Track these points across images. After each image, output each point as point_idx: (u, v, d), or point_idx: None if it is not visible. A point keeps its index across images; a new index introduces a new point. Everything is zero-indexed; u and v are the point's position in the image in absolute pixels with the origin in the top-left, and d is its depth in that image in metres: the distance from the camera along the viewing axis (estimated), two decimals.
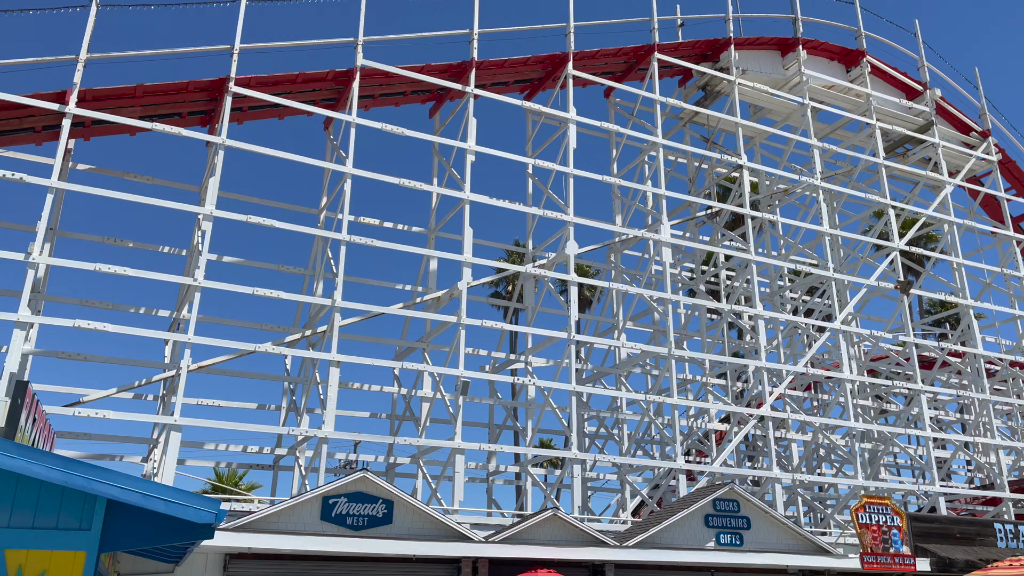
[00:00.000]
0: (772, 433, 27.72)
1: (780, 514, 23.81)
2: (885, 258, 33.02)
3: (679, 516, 21.79)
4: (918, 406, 30.85)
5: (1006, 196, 37.96)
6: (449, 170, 26.84)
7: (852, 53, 36.70)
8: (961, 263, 34.42)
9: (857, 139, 36.90)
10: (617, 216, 31.97)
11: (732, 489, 22.71)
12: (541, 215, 27.40)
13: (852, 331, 31.46)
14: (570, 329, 25.34)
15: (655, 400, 26.63)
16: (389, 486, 19.08)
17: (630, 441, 29.69)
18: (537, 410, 27.72)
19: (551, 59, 29.14)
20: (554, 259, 27.55)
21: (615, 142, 32.32)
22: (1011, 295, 36.87)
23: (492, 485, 28.71)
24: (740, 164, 31.23)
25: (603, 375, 31.61)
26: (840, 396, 30.00)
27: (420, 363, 25.95)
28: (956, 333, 36.71)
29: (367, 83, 26.20)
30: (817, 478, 30.27)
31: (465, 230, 24.90)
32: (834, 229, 33.33)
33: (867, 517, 23.76)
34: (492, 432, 29.11)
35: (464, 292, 24.15)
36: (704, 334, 32.75)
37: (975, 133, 39.09)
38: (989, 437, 32.50)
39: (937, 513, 28.62)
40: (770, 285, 35.71)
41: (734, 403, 31.93)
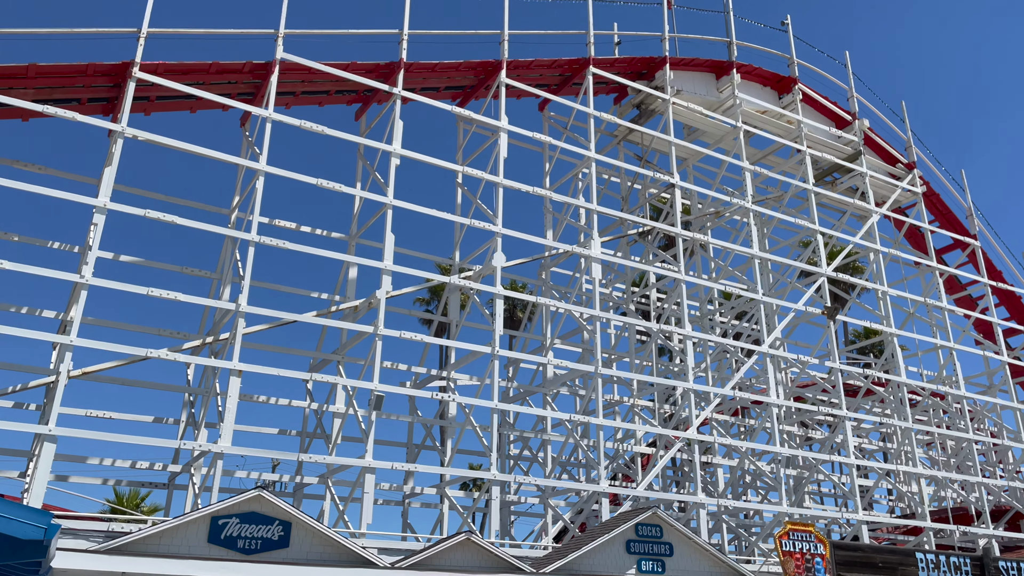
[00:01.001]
0: (698, 457, 27.04)
1: (704, 540, 23.00)
2: (813, 284, 33.02)
3: (599, 541, 20.75)
4: (842, 433, 30.69)
5: (930, 228, 38.63)
6: (373, 174, 25.60)
7: (784, 80, 37.01)
8: (886, 291, 34.70)
9: (788, 165, 37.11)
10: (548, 231, 31.18)
11: (655, 514, 21.82)
12: (469, 225, 26.37)
13: (779, 355, 31.22)
14: (494, 344, 24.24)
15: (580, 420, 25.65)
16: (287, 506, 17.52)
17: (554, 463, 28.63)
18: (458, 429, 26.42)
19: (484, 66, 28.30)
20: (480, 271, 26.48)
21: (548, 156, 31.61)
22: (933, 325, 37.37)
23: (408, 508, 27.22)
24: (672, 183, 30.86)
25: (529, 394, 30.56)
26: (767, 421, 29.60)
27: (334, 375, 24.43)
28: (880, 362, 36.93)
29: (288, 79, 24.84)
30: (742, 504, 29.71)
31: (386, 236, 23.65)
32: (764, 253, 33.19)
33: (791, 544, 23.16)
34: (410, 451, 27.66)
35: (382, 301, 22.84)
36: (633, 354, 32.07)
37: (901, 165, 39.82)
38: (911, 466, 32.56)
39: (860, 542, 28.32)
40: (700, 308, 35.38)
41: (661, 426, 31.24)
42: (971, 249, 39.79)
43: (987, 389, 38.45)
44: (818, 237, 33.65)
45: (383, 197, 24.16)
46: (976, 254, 39.61)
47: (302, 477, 24.92)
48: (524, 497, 29.79)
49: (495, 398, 23.58)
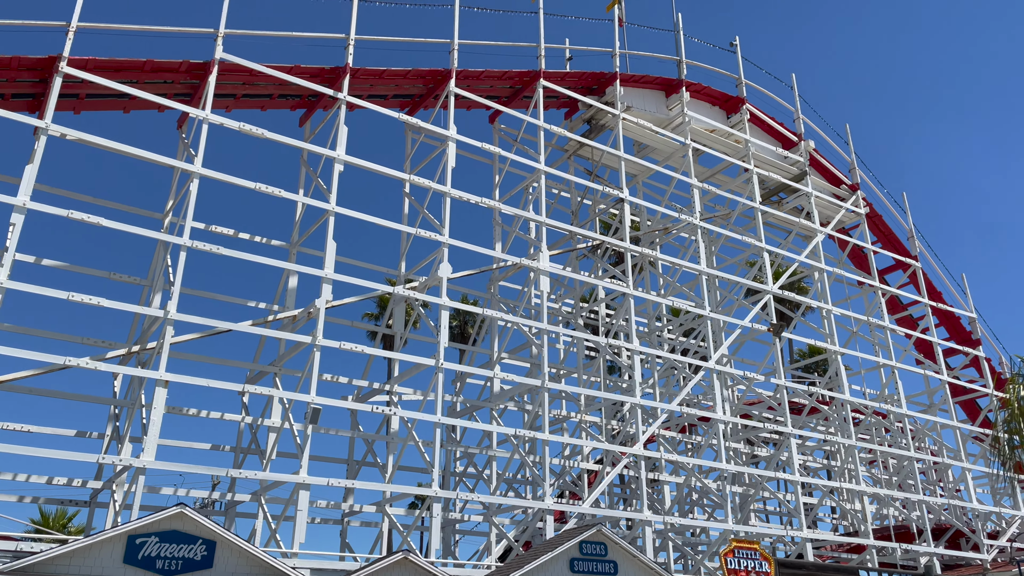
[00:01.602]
0: (644, 474, 26.69)
1: (649, 558, 22.56)
2: (759, 302, 33.16)
3: (542, 560, 20.15)
4: (787, 450, 30.70)
5: (872, 249, 39.27)
6: (316, 180, 24.85)
7: (733, 100, 37.39)
8: (830, 310, 35.04)
9: (735, 184, 37.39)
10: (497, 243, 30.73)
11: (600, 531, 21.32)
12: (415, 235, 25.77)
13: (726, 372, 31.18)
14: (438, 356, 23.59)
15: (526, 436, 25.09)
16: (211, 524, 16.57)
17: (499, 480, 27.96)
18: (400, 444, 25.61)
19: (433, 75, 27.86)
20: (426, 282, 25.86)
21: (498, 168, 31.22)
22: (876, 344, 37.87)
23: (347, 527, 26.24)
24: (622, 198, 30.74)
25: (476, 409, 29.90)
26: (713, 438, 29.45)
27: (270, 387, 23.46)
28: (824, 380, 37.23)
29: (228, 79, 24.04)
30: (688, 521, 29.41)
31: (328, 244, 22.91)
32: (711, 269, 33.25)
33: (736, 562, 22.87)
34: (351, 468, 26.72)
35: (322, 311, 22.05)
36: (581, 370, 31.69)
37: (845, 186, 40.50)
38: (854, 484, 32.72)
39: (804, 559, 28.23)
40: (648, 324, 35.25)
41: (609, 442, 30.84)
42: (912, 270, 40.56)
43: (928, 408, 39.04)
44: (764, 255, 33.87)
45: (325, 204, 23.43)
46: (917, 275, 40.38)
47: (233, 494, 23.81)
48: (469, 515, 29.04)
49: (438, 412, 22.90)
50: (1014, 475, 8.20)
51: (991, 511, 36.08)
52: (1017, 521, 36.58)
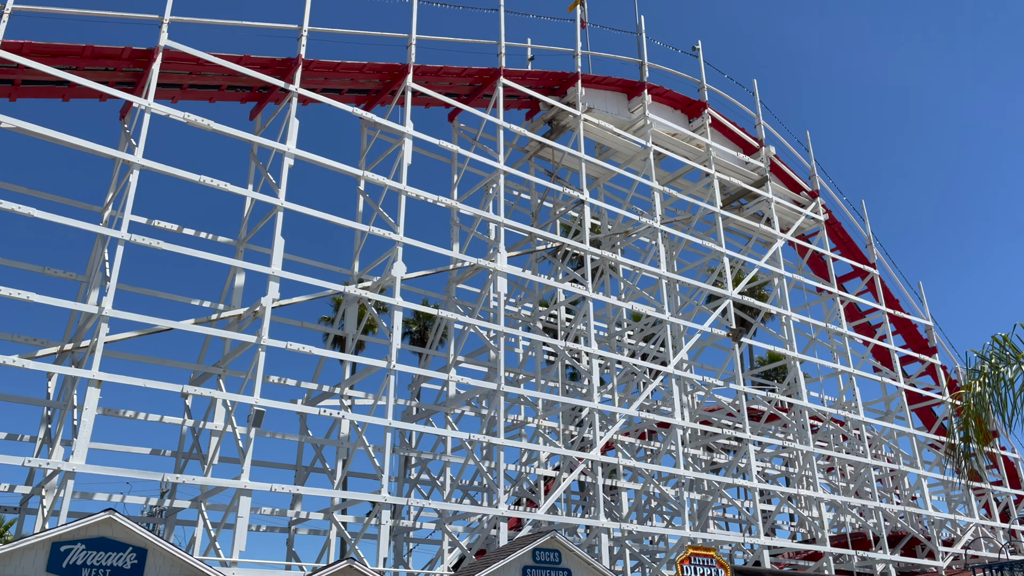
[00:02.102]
0: (601, 480, 26.21)
1: (604, 566, 22.05)
2: (719, 307, 32.98)
3: (493, 568, 19.51)
4: (746, 457, 30.48)
5: (832, 256, 39.42)
6: (265, 175, 24.01)
7: (695, 104, 37.30)
8: (789, 316, 35.01)
9: (696, 188, 37.28)
10: (455, 244, 30.10)
11: (554, 538, 20.75)
12: (369, 233, 25.05)
13: (685, 376, 30.88)
14: (390, 358, 22.87)
15: (481, 440, 24.45)
16: (142, 531, 15.66)
17: (453, 487, 27.25)
18: (349, 449, 24.80)
19: (390, 69, 27.21)
20: (379, 281, 25.14)
21: (456, 167, 30.64)
22: (834, 351, 37.96)
23: (294, 535, 25.33)
24: (582, 199, 30.34)
25: (431, 413, 29.19)
26: (671, 444, 29.08)
27: (211, 389, 22.49)
28: (783, 386, 37.20)
29: (174, 69, 23.14)
30: (645, 528, 28.98)
31: (275, 240, 22.10)
32: (672, 273, 32.99)
33: (692, 570, 22.45)
34: (299, 474, 25.82)
35: (268, 309, 21.22)
36: (539, 374, 31.16)
37: (805, 193, 40.64)
38: (812, 490, 32.62)
39: (761, 567, 27.96)
40: (608, 328, 34.87)
41: (567, 448, 30.33)
42: (870, 277, 40.81)
43: (884, 415, 39.23)
44: (724, 260, 33.72)
45: (274, 199, 22.62)
46: (875, 282, 40.64)
47: (172, 501, 22.78)
48: (422, 523, 28.29)
49: (389, 416, 22.18)
50: (968, 481, 7.96)
51: (946, 518, 36.27)
52: (971, 528, 36.83)
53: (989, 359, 7.96)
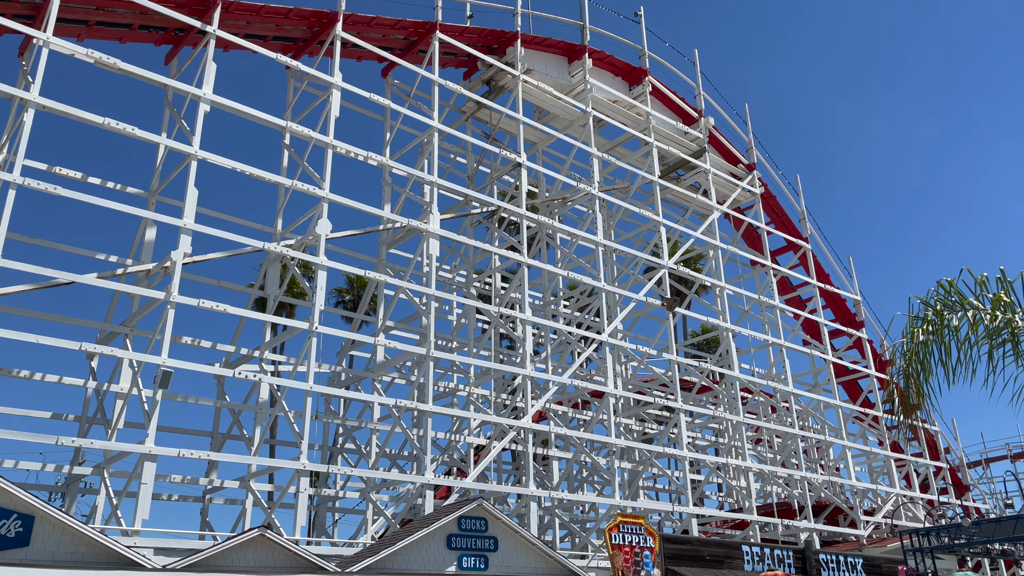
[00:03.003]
0: (532, 448, 25.67)
1: (532, 535, 21.54)
2: (654, 277, 32.70)
3: (416, 536, 18.77)
4: (677, 426, 30.40)
5: (766, 229, 39.56)
6: (179, 122, 22.41)
7: (635, 71, 36.71)
8: (723, 288, 34.99)
9: (634, 158, 36.81)
10: (386, 205, 28.92)
11: (480, 506, 20.11)
12: (293, 188, 23.71)
13: (619, 345, 30.51)
14: (312, 319, 21.74)
15: (407, 407, 23.57)
16: (29, 497, 14.36)
17: (379, 455, 26.35)
18: (270, 415, 23.63)
19: (318, 16, 25.74)
20: (303, 239, 23.87)
21: (389, 125, 29.39)
22: (766, 323, 38.21)
23: (209, 504, 24.08)
24: (519, 162, 29.49)
25: (358, 379, 28.16)
26: (604, 413, 28.74)
27: (115, 348, 21.00)
28: (715, 358, 37.29)
29: (79, 3, 21.29)
30: (575, 496, 28.65)
31: (188, 191, 20.64)
32: (609, 241, 32.51)
33: (620, 537, 22.13)
34: (216, 440, 24.53)
35: (178, 264, 19.82)
36: (471, 341, 30.38)
37: (742, 165, 40.63)
38: (741, 460, 32.82)
39: (689, 535, 27.94)
40: (543, 296, 34.26)
41: (498, 416, 29.69)
42: (803, 252, 41.17)
43: (812, 388, 39.78)
44: (661, 230, 33.40)
45: (187, 147, 21.11)
46: (807, 257, 41.03)
47: (72, 467, 21.27)
48: (345, 492, 27.34)
49: (310, 379, 21.10)
50: (907, 431, 7.48)
51: (868, 488, 37.07)
52: (892, 498, 37.76)
53: (933, 305, 7.51)
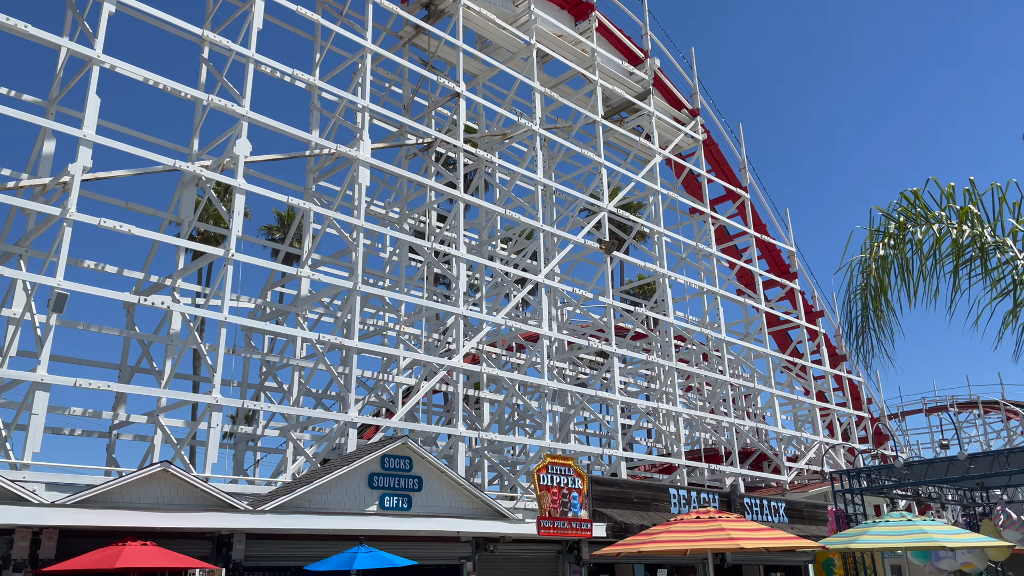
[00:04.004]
0: (461, 388, 24.92)
1: (458, 474, 20.89)
2: (593, 220, 31.97)
3: (336, 474, 17.86)
4: (610, 370, 30.07)
5: (707, 176, 39.14)
6: (81, 23, 20.29)
7: (582, 5, 35.36)
8: (662, 233, 34.53)
9: (578, 97, 35.70)
10: (314, 130, 27.27)
11: (405, 444, 19.28)
12: (210, 106, 21.88)
13: (555, 287, 29.77)
14: (228, 246, 20.27)
15: (331, 342, 22.43)
16: None
17: (302, 392, 25.21)
18: (182, 347, 22.16)
19: None
20: (220, 160, 22.19)
21: (320, 45, 27.56)
22: (702, 271, 38.07)
23: (116, 440, 22.64)
24: (457, 92, 28.07)
25: (282, 313, 26.81)
26: (537, 356, 28.13)
27: (13, 269, 19.16)
28: (650, 303, 37.03)
29: None
30: (504, 437, 28.15)
31: (89, 98, 18.77)
32: (549, 180, 31.53)
33: (549, 478, 21.65)
34: (124, 373, 22.97)
35: (77, 178, 18.06)
36: (403, 278, 29.24)
37: (686, 110, 39.95)
38: (672, 405, 32.82)
39: (618, 477, 27.82)
40: (480, 235, 33.21)
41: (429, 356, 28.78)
42: (741, 201, 41.00)
43: (744, 337, 40.02)
44: (603, 171, 32.58)
45: (89, 50, 19.12)
46: (745, 206, 40.89)
47: None
48: (263, 430, 26.18)
49: (224, 310, 19.73)
50: (866, 362, 6.99)
51: (793, 436, 37.73)
52: (816, 446, 38.56)
53: (896, 218, 6.82)
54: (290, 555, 17.63)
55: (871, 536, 9.76)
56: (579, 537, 22.00)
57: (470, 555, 20.66)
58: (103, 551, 13.94)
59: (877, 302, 6.49)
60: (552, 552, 23.15)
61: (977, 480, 13.59)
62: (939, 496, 14.68)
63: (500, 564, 21.68)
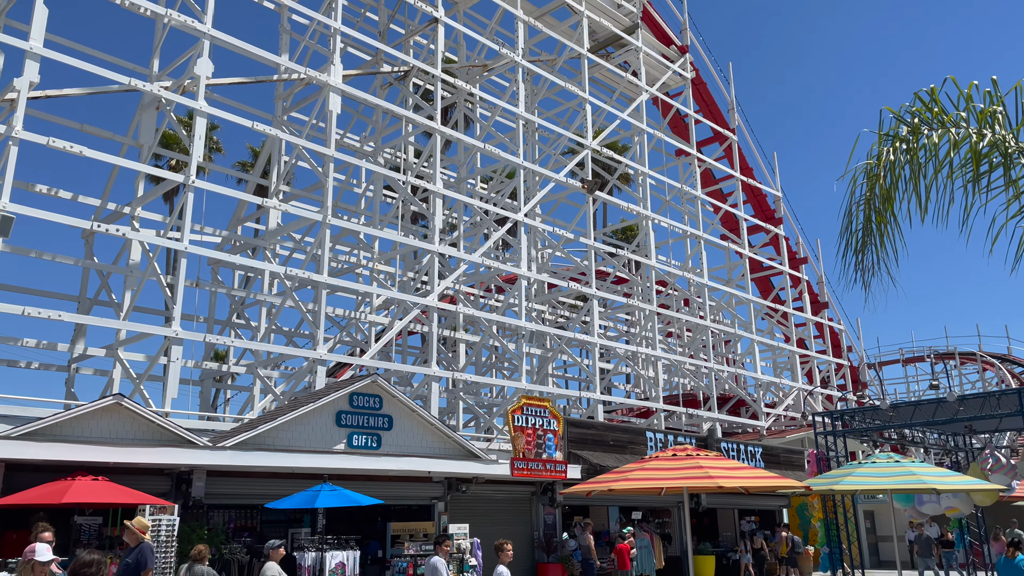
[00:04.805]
0: (436, 327, 24.19)
1: (430, 414, 20.30)
2: (576, 158, 30.96)
3: (300, 412, 17.17)
4: (590, 312, 29.45)
5: (695, 117, 38.05)
6: None
7: None
8: (647, 174, 33.59)
9: (562, 29, 34.25)
10: (284, 54, 25.87)
11: (375, 382, 18.59)
12: (169, 23, 20.49)
13: (535, 226, 28.88)
14: (188, 172, 19.17)
15: (299, 276, 21.54)
16: None
17: (270, 329, 24.38)
18: (142, 278, 21.17)
19: None
20: (181, 81, 20.90)
21: None
22: (686, 215, 37.29)
23: (75, 375, 21.79)
24: (436, 18, 26.69)
25: (250, 247, 25.81)
26: (514, 296, 27.40)
27: None
28: (632, 246, 36.24)
29: None
30: (479, 378, 27.59)
31: (36, 7, 17.42)
32: (531, 115, 30.36)
33: (523, 419, 21.16)
34: (83, 305, 22.00)
35: (23, 93, 16.84)
36: (377, 213, 28.22)
37: (675, 47, 38.64)
38: (651, 349, 32.36)
39: (595, 420, 27.43)
40: (458, 172, 32.12)
41: None
42: (729, 143, 40.01)
43: (727, 282, 39.50)
44: (587, 107, 31.43)
45: None
46: (732, 149, 39.92)
47: None
48: (229, 366, 25.41)
49: (185, 239, 18.75)
50: (863, 282, 6.41)
51: (772, 382, 37.54)
52: (794, 392, 38.42)
53: (909, 121, 6.02)
54: (254, 493, 17.04)
55: (857, 477, 9.21)
56: (553, 479, 21.62)
57: (442, 495, 20.22)
58: (51, 485, 13.23)
59: (882, 216, 5.75)
60: (526, 494, 22.80)
61: (966, 423, 13.20)
62: (922, 440, 14.23)
63: (473, 505, 21.27)
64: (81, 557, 6.13)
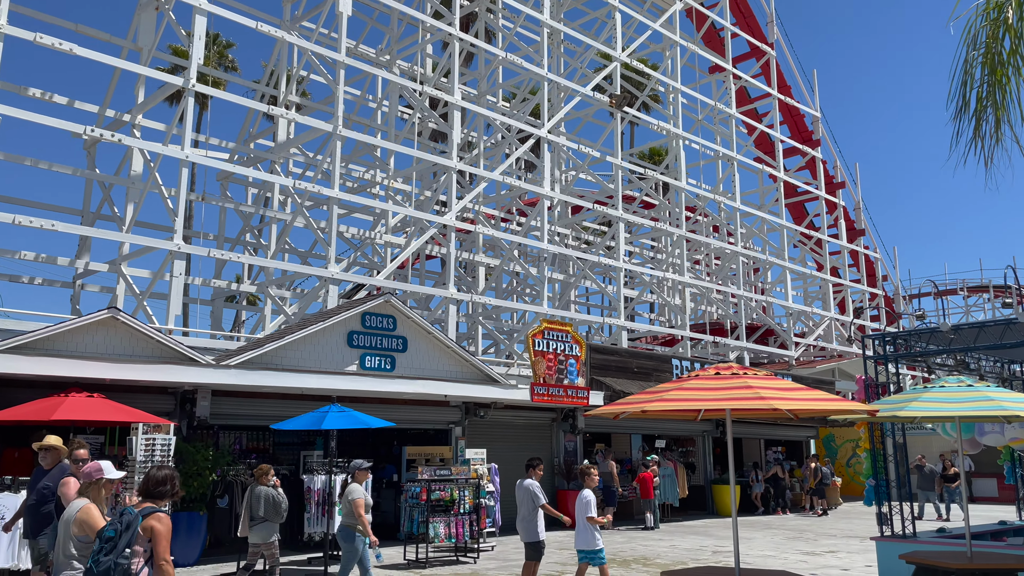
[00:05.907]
0: (454, 248, 23.06)
1: (447, 336, 19.35)
2: (604, 72, 29.13)
3: (309, 331, 16.26)
4: (615, 236, 28.12)
5: (732, 30, 35.73)
6: None
7: None
8: (679, 88, 31.67)
9: None
10: None
11: (388, 302, 17.59)
12: None
13: (558, 141, 27.31)
14: (188, 75, 17.86)
15: (308, 189, 20.38)
16: None
17: (280, 246, 23.35)
18: (144, 189, 20.12)
19: None
20: None
21: None
22: (718, 136, 35.42)
23: (80, 291, 21.03)
24: None
25: (260, 159, 24.63)
26: (536, 217, 26.10)
27: None
28: (661, 168, 34.62)
29: None
30: (499, 301, 26.53)
31: None
32: (557, 23, 28.43)
33: (544, 344, 20.16)
34: (86, 219, 21.08)
35: None
36: (393, 127, 26.82)
37: None
38: (678, 275, 31.09)
39: (618, 346, 26.43)
40: (479, 86, 30.44)
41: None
42: (766, 59, 37.71)
43: (759, 207, 37.82)
44: (617, 16, 29.39)
45: None
46: (770, 65, 37.66)
47: None
48: (238, 286, 24.56)
49: (185, 146, 17.59)
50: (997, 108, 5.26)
51: (802, 311, 36.22)
52: (825, 322, 37.11)
53: None
54: (262, 414, 16.29)
55: (924, 403, 8.04)
56: (574, 405, 20.75)
57: (459, 420, 19.44)
58: (42, 401, 12.47)
59: (1003, 70, 4.47)
60: (547, 420, 22.00)
61: None
62: (977, 368, 13.06)
63: (491, 430, 20.53)
64: (153, 475, 5.41)
